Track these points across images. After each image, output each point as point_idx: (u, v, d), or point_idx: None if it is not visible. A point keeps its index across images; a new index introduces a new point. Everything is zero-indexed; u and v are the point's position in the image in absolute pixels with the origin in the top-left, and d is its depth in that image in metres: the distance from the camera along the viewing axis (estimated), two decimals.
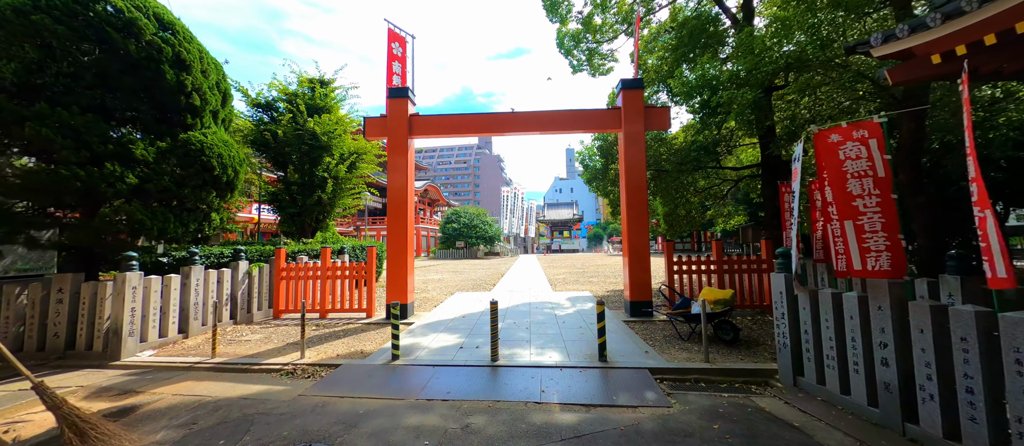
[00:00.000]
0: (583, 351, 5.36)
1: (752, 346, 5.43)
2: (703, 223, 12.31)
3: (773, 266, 7.81)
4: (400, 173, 7.90)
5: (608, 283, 13.35)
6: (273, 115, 11.29)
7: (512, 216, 55.50)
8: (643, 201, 7.59)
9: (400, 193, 7.87)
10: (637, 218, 7.56)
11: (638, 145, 7.65)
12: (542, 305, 8.98)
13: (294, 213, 11.86)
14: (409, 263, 7.86)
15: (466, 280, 15.22)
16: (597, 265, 23.15)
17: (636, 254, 7.51)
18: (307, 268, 8.07)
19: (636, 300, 7.45)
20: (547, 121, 7.94)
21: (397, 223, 7.83)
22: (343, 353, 5.52)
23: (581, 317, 7.57)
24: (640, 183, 7.60)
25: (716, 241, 7.74)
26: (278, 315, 7.95)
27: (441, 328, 6.86)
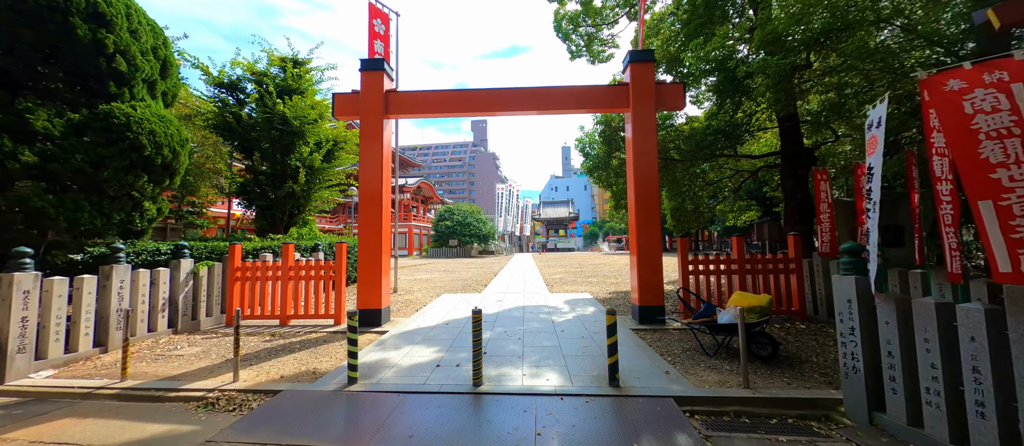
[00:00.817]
0: (588, 371, 4.33)
1: (795, 364, 4.43)
2: (710, 219, 11.37)
3: (801, 266, 6.87)
4: (374, 158, 6.81)
5: (609, 284, 12.34)
6: (239, 96, 10.13)
7: (507, 214, 54.44)
8: (653, 192, 6.57)
9: (374, 182, 6.78)
10: (647, 212, 6.55)
11: (648, 128, 6.63)
12: (537, 310, 7.94)
13: (264, 206, 10.72)
14: (384, 263, 6.78)
15: (456, 280, 14.15)
16: (594, 264, 22.18)
17: (646, 253, 6.50)
18: (266, 267, 6.96)
19: (646, 305, 6.44)
20: (544, 99, 6.89)
21: (370, 217, 6.75)
22: (290, 374, 4.44)
23: (582, 325, 6.54)
24: (650, 172, 6.58)
25: (737, 238, 6.74)
26: (231, 322, 6.83)
27: (419, 338, 5.79)
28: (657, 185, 6.62)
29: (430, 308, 8.36)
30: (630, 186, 6.84)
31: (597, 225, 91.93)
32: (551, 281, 13.51)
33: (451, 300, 9.38)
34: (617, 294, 10.07)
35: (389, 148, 7.26)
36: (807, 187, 8.32)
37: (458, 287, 12.14)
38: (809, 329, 5.87)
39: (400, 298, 9.91)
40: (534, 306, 8.36)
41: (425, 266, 22.36)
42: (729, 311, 4.64)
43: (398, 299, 9.71)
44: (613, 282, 12.82)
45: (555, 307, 8.20)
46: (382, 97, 6.90)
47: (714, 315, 4.95)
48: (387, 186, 7.05)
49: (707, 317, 4.96)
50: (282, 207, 10.72)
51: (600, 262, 24.50)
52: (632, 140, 6.64)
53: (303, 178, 10.34)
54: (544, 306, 8.34)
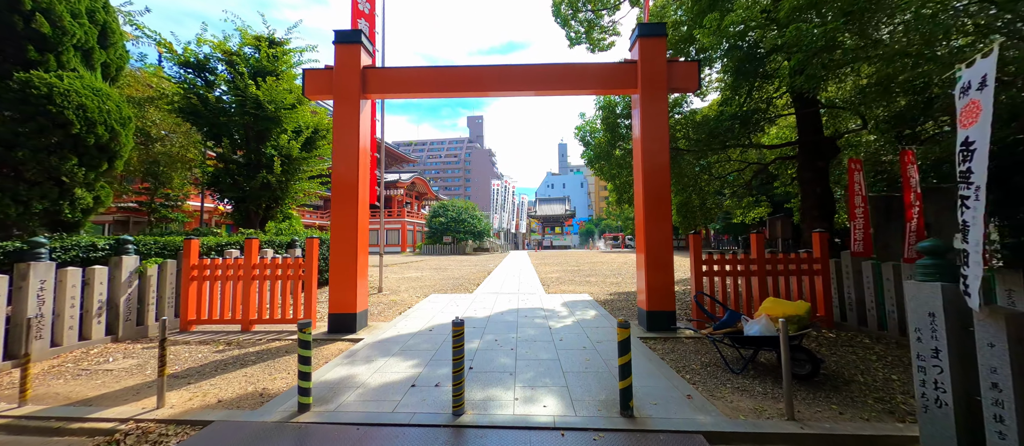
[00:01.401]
0: (594, 393, 3.59)
1: (838, 384, 3.73)
2: (719, 215, 10.71)
3: (828, 267, 6.18)
4: (348, 143, 6.01)
5: (608, 284, 11.63)
6: (207, 77, 9.24)
7: (502, 211, 53.67)
8: (664, 184, 5.84)
9: (348, 170, 5.98)
10: (656, 206, 5.82)
11: (659, 111, 5.89)
12: (533, 313, 7.20)
13: (237, 199, 9.87)
14: (361, 262, 6.00)
15: (447, 279, 13.38)
16: (592, 262, 21.50)
17: (655, 252, 5.77)
18: (226, 265, 6.15)
19: (656, 310, 5.72)
20: (544, 77, 6.12)
21: (344, 210, 5.95)
22: (232, 396, 3.66)
23: (583, 332, 5.80)
24: (661, 161, 5.85)
25: (757, 234, 6.03)
26: (186, 327, 6.03)
27: (396, 349, 5.02)
28: (668, 176, 5.88)
29: (415, 311, 7.59)
30: (637, 177, 6.10)
31: (593, 222, 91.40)
32: (547, 281, 12.78)
33: (439, 301, 8.62)
34: (619, 296, 9.35)
35: (367, 132, 6.46)
36: (827, 180, 7.63)
37: (448, 287, 11.37)
38: (840, 338, 5.18)
39: (384, 299, 9.14)
40: (529, 309, 7.62)
41: (416, 264, 21.57)
42: (759, 321, 3.92)
43: (382, 300, 8.93)
44: (613, 282, 12.12)
45: (552, 310, 7.47)
46: (359, 74, 6.09)
47: (738, 324, 4.23)
48: (364, 175, 6.26)
49: (731, 327, 4.24)
50: (256, 200, 9.88)
51: (598, 260, 23.84)
52: (641, 125, 5.90)
53: (279, 168, 9.50)
54: (540, 309, 7.60)
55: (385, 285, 11.71)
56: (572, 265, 19.89)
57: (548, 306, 7.92)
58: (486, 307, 7.85)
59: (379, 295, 9.68)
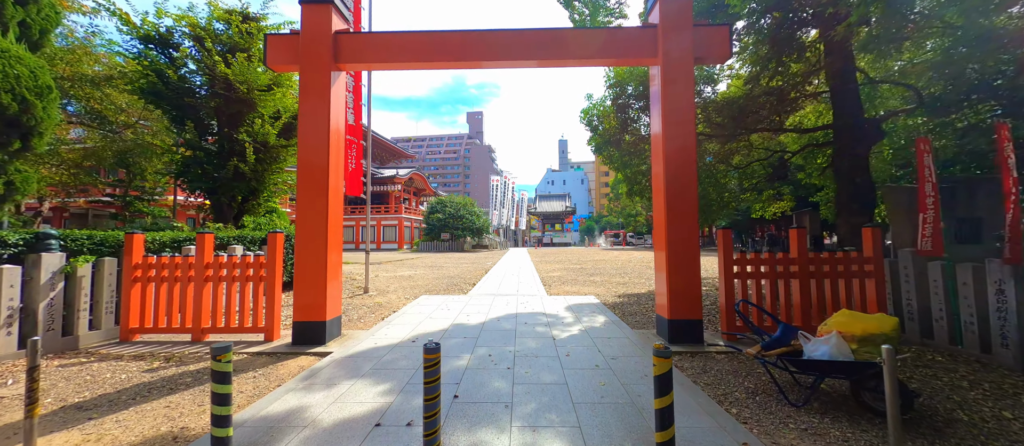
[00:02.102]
0: (617, 438, 2.70)
1: (937, 424, 2.84)
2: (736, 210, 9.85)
3: (882, 268, 5.27)
4: (316, 121, 5.10)
5: (615, 284, 10.75)
6: (171, 54, 8.30)
7: (502, 208, 52.77)
8: (689, 171, 4.94)
9: (316, 154, 5.07)
10: (680, 195, 4.92)
11: (684, 82, 4.99)
12: (534, 320, 6.31)
13: (207, 190, 8.95)
14: (331, 262, 5.10)
15: (441, 278, 12.50)
16: (595, 260, 20.63)
17: (679, 250, 4.88)
18: (173, 264, 5.25)
19: (680, 319, 4.83)
20: (547, 44, 5.20)
21: (310, 201, 5.05)
22: (133, 442, 2.76)
23: (593, 344, 4.91)
24: (685, 143, 4.95)
25: (798, 230, 5.13)
26: (128, 337, 5.14)
27: (368, 367, 4.13)
28: (694, 161, 4.97)
29: (400, 316, 6.69)
30: (657, 162, 5.20)
31: (594, 219, 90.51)
32: (548, 280, 11.89)
33: (430, 304, 7.73)
34: (628, 298, 8.46)
35: (340, 110, 5.54)
36: (867, 169, 6.73)
37: (442, 287, 10.49)
38: (906, 357, 4.29)
39: (369, 300, 8.25)
40: (529, 314, 6.72)
41: (411, 261, 20.69)
42: (828, 340, 3.02)
43: (366, 302, 8.04)
44: (619, 282, 11.23)
45: (555, 316, 6.58)
46: (329, 40, 5.17)
47: (795, 342, 3.34)
48: (337, 159, 5.35)
49: (786, 346, 3.34)
50: (229, 191, 8.96)
51: (600, 258, 22.97)
52: (662, 101, 4.98)
53: (252, 156, 8.58)
54: (541, 314, 6.71)
55: (374, 285, 10.82)
56: (574, 263, 19.01)
57: (551, 310, 7.03)
58: (481, 311, 6.96)
59: (364, 296, 8.79)
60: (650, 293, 9.01)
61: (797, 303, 5.03)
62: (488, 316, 6.56)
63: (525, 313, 6.80)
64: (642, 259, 21.36)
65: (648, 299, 8.21)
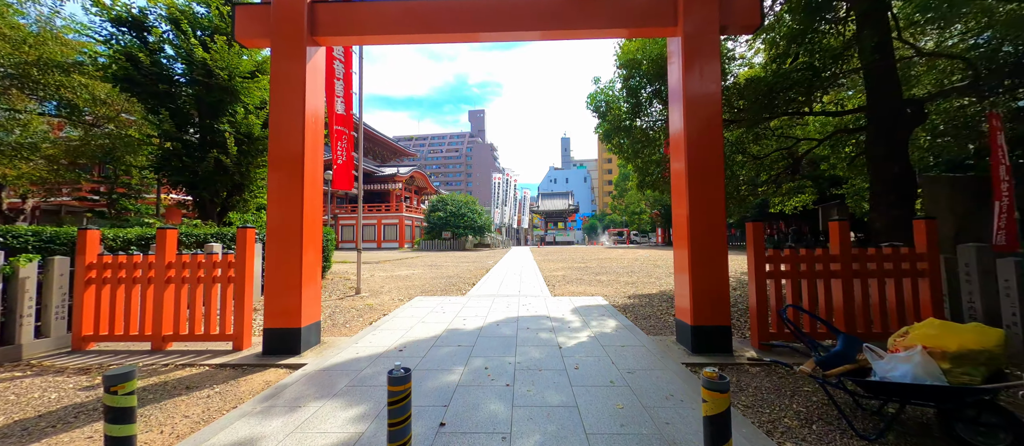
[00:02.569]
0: None
1: None
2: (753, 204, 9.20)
3: (938, 265, 4.59)
4: (289, 101, 4.50)
5: (623, 284, 10.11)
6: (145, 38, 7.73)
7: (504, 206, 52.18)
8: (715, 152, 4.31)
9: (289, 138, 4.48)
10: (705, 183, 4.30)
11: (708, 54, 4.35)
12: (537, 324, 5.69)
13: (188, 184, 8.39)
14: (308, 261, 4.51)
15: (439, 278, 11.91)
16: (600, 259, 19.99)
17: (704, 245, 4.25)
18: (132, 263, 4.67)
19: (705, 325, 4.20)
20: (552, 11, 4.57)
21: (284, 191, 4.45)
22: None
23: (605, 354, 4.29)
24: (711, 122, 4.32)
25: (838, 222, 4.48)
26: (82, 345, 4.57)
27: (343, 384, 3.53)
28: (721, 139, 4.34)
29: (391, 320, 6.09)
30: (678, 147, 4.56)
31: (597, 218, 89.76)
32: (552, 279, 11.27)
33: (424, 306, 7.13)
34: (639, 299, 7.83)
35: (319, 90, 4.94)
36: (907, 155, 6.06)
37: (439, 287, 9.89)
38: None
39: (360, 302, 7.66)
40: (532, 318, 6.11)
41: (410, 260, 20.12)
42: (910, 357, 2.39)
43: (355, 305, 7.45)
44: (628, 282, 10.59)
45: (561, 320, 5.96)
46: (304, 9, 4.56)
47: (861, 357, 2.71)
48: (315, 146, 4.75)
49: (851, 363, 2.71)
50: (211, 186, 8.40)
51: (605, 257, 22.32)
52: (684, 74, 4.35)
53: (234, 148, 8.01)
54: (545, 318, 6.09)
55: (368, 285, 10.24)
56: (578, 262, 18.39)
57: (556, 313, 6.41)
58: (479, 314, 6.35)
59: (354, 298, 8.21)
60: (662, 294, 8.38)
61: (839, 306, 4.38)
62: (487, 320, 5.95)
63: (527, 316, 6.19)
64: (648, 257, 20.71)
65: (661, 301, 7.57)
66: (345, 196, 44.00)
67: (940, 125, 6.89)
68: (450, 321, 5.91)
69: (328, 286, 9.75)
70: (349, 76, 8.85)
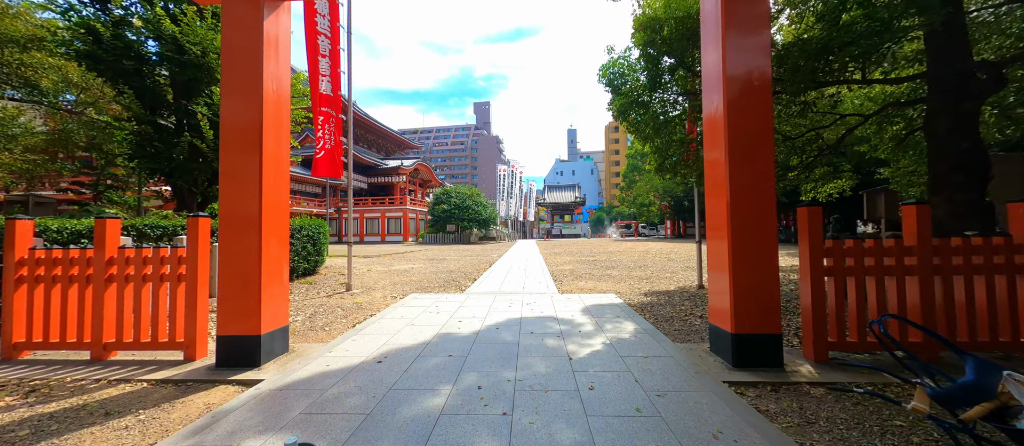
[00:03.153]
0: None
1: None
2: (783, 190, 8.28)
3: None
4: (246, 61, 3.76)
5: (636, 279, 9.31)
6: (110, 10, 7.02)
7: (510, 198, 51.39)
8: (765, 123, 3.50)
9: (246, 106, 3.74)
10: (751, 158, 3.49)
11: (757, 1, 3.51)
12: (543, 327, 4.94)
13: (164, 172, 7.73)
14: (268, 254, 3.79)
15: (439, 273, 11.21)
16: (609, 252, 19.17)
17: (749, 236, 3.46)
18: (70, 258, 4.00)
19: (748, 332, 3.41)
20: None
21: (239, 171, 3.73)
22: None
23: (626, 367, 3.53)
24: (759, 85, 3.50)
25: (917, 205, 3.64)
26: (13, 353, 3.93)
27: (299, 410, 2.82)
28: (771, 110, 3.51)
29: (377, 321, 5.39)
30: (716, 121, 3.74)
31: (604, 210, 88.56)
32: (559, 274, 10.51)
33: (418, 305, 6.42)
34: (657, 297, 7.04)
35: (282, 50, 4.18)
36: (977, 130, 5.16)
37: (437, 283, 9.18)
38: None
39: (348, 300, 6.98)
40: (537, 319, 5.36)
41: (412, 254, 19.49)
42: None
43: (343, 303, 6.77)
44: (641, 277, 9.79)
45: (570, 321, 5.20)
46: None
47: (1004, 392, 1.90)
48: (279, 118, 4.01)
49: (990, 399, 1.90)
50: (188, 174, 7.73)
51: (614, 249, 21.49)
52: (724, 21, 3.51)
53: (210, 132, 7.31)
54: (552, 320, 5.33)
55: (362, 281, 9.58)
56: (587, 255, 17.59)
57: (564, 313, 5.65)
58: (477, 315, 5.62)
59: (344, 295, 7.53)
60: (682, 291, 7.56)
61: (917, 306, 3.55)
62: (485, 322, 5.21)
63: (532, 318, 5.44)
64: (660, 251, 19.83)
65: (682, 299, 6.77)
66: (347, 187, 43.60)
67: (1010, 96, 5.94)
68: (444, 323, 5.18)
69: (319, 282, 9.10)
70: (336, 54, 8.10)
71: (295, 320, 5.56)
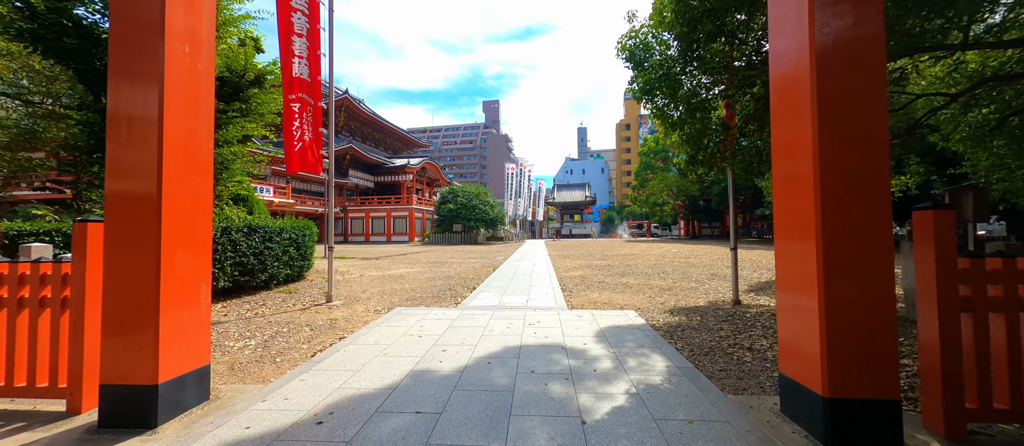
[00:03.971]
0: None
1: None
2: None
3: None
4: (134, 14, 2.77)
5: (657, 290, 8.16)
6: None
7: (518, 197, 50.32)
8: (877, 76, 2.36)
9: (139, 58, 2.75)
10: (860, 133, 2.36)
11: None
12: (547, 362, 3.86)
13: None
14: (169, 269, 2.80)
15: (437, 278, 10.21)
16: (622, 255, 17.95)
17: (851, 248, 2.33)
18: None
19: (849, 397, 2.28)
20: None
21: (126, 162, 2.74)
22: None
23: (660, 437, 2.43)
24: (868, 15, 2.36)
25: None
26: None
27: None
28: (883, 47, 2.38)
29: (340, 351, 4.38)
30: (795, 70, 2.64)
31: (615, 210, 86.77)
32: (569, 282, 9.40)
33: (399, 325, 5.40)
34: (687, 315, 5.90)
35: (207, 11, 3.18)
36: None
37: (432, 292, 8.17)
38: None
39: (321, 317, 6.00)
40: (540, 348, 4.28)
41: (414, 256, 18.56)
42: None
43: (314, 320, 5.80)
44: (662, 286, 8.62)
45: (582, 352, 4.11)
46: None
47: None
48: (184, 92, 3.02)
49: None
50: None
51: (627, 252, 20.24)
52: None
53: None
54: (559, 349, 4.25)
55: (349, 290, 8.63)
56: (598, 258, 16.42)
57: (574, 340, 4.56)
58: (468, 340, 4.57)
59: (320, 309, 6.57)
60: (715, 308, 6.40)
61: None
62: (475, 353, 4.16)
63: (534, 346, 4.36)
64: (678, 253, 18.53)
65: (718, 318, 5.62)
66: (356, 188, 42.94)
67: None
68: (424, 353, 4.15)
69: (302, 290, 8.18)
70: (315, 32, 7.14)
71: (247, 346, 4.59)
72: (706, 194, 39.66)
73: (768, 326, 5.03)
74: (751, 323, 5.23)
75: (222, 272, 6.78)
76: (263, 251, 7.76)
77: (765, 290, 7.79)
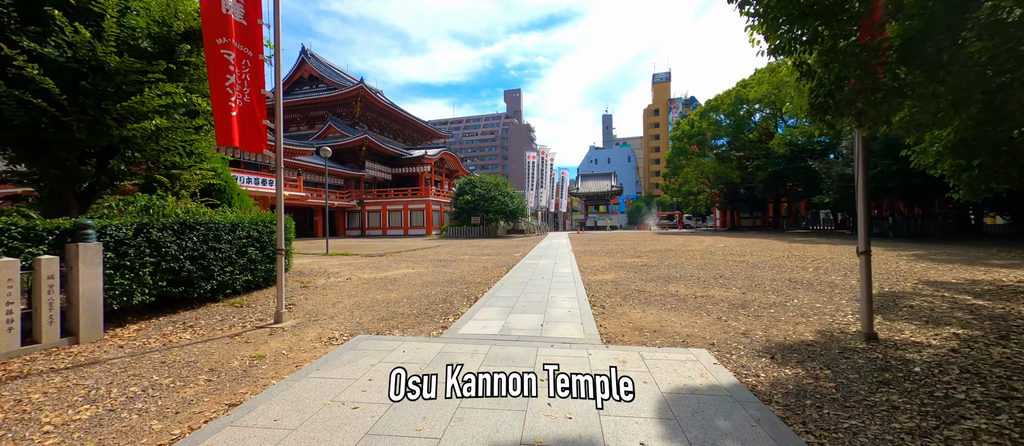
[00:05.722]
0: None
1: None
2: None
3: None
4: None
5: (724, 306, 5.91)
6: None
7: (540, 188, 47.97)
8: None
9: None
10: None
11: None
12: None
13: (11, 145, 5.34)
14: None
15: (437, 282, 8.32)
16: (658, 251, 15.48)
17: None
18: None
19: None
20: None
21: None
22: None
23: None
24: None
25: None
26: None
27: None
28: None
29: (213, 436, 2.50)
30: None
31: (642, 200, 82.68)
32: (599, 292, 7.26)
33: (343, 372, 3.50)
34: (794, 359, 3.68)
35: None
36: None
37: (420, 306, 6.26)
38: None
39: (247, 350, 4.20)
40: (552, 433, 2.25)
41: (424, 252, 16.82)
42: None
43: (228, 359, 3.99)
44: (729, 299, 6.33)
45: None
46: None
47: None
48: None
49: None
50: (44, 150, 5.25)
51: (664, 247, 17.71)
52: None
53: (49, 81, 4.73)
54: (585, 441, 2.20)
55: (322, 298, 6.88)
56: (630, 255, 14.10)
57: (621, 431, 2.49)
58: (430, 428, 2.60)
59: (257, 335, 4.79)
60: (841, 346, 4.14)
61: None
62: (462, 426, 2.18)
63: (551, 439, 2.34)
64: (726, 249, 15.86)
65: (856, 369, 3.40)
66: (373, 180, 41.86)
67: None
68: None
69: (258, 302, 6.49)
70: None
71: (69, 422, 2.81)
72: (748, 181, 35.96)
73: (982, 402, 2.77)
74: (933, 384, 2.99)
75: (138, 283, 5.12)
76: (206, 254, 6.09)
77: (899, 311, 5.38)
